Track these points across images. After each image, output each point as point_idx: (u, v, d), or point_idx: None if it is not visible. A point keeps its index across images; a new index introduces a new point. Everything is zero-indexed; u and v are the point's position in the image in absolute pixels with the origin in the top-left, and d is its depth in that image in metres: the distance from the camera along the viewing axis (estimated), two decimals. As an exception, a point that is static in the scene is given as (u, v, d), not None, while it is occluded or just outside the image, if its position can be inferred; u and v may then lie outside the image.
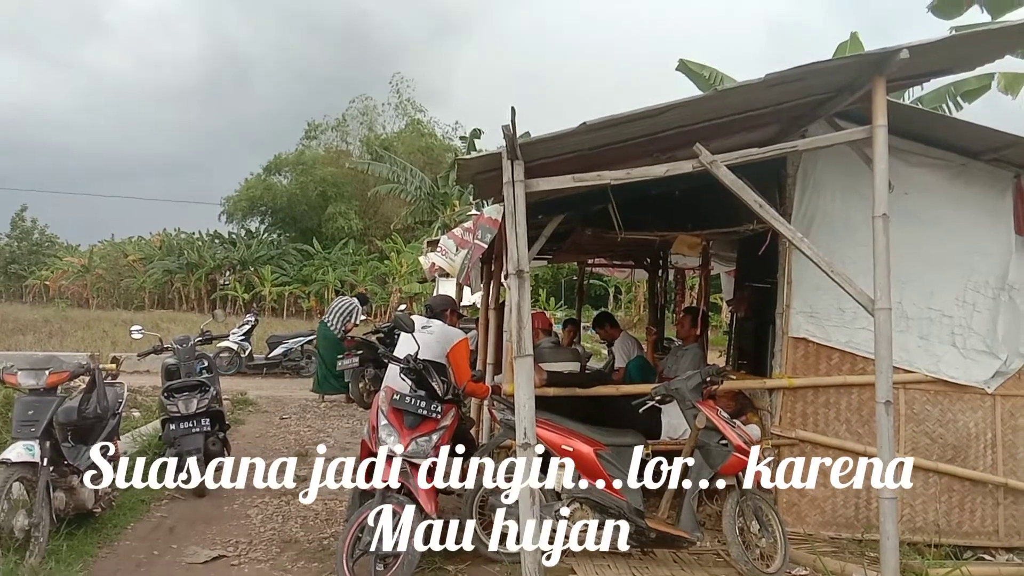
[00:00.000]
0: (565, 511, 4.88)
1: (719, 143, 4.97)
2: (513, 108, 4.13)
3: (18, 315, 28.55)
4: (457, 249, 7.74)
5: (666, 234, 7.05)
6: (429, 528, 4.69)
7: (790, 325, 5.81)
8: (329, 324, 12.40)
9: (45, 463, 4.84)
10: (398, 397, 5.01)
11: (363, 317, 13.20)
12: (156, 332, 8.80)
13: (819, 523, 5.78)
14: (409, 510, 4.56)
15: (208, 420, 6.69)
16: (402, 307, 18.42)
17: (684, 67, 13.39)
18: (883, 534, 4.38)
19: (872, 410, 5.18)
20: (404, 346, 5.50)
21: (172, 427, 6.62)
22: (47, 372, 5.13)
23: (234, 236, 43.67)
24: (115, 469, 5.99)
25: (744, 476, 4.95)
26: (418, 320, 5.82)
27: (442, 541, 4.85)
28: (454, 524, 4.98)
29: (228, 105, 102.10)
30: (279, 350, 15.26)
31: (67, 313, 31.61)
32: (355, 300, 13.00)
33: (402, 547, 4.43)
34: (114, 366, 6.23)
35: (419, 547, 4.49)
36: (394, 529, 4.51)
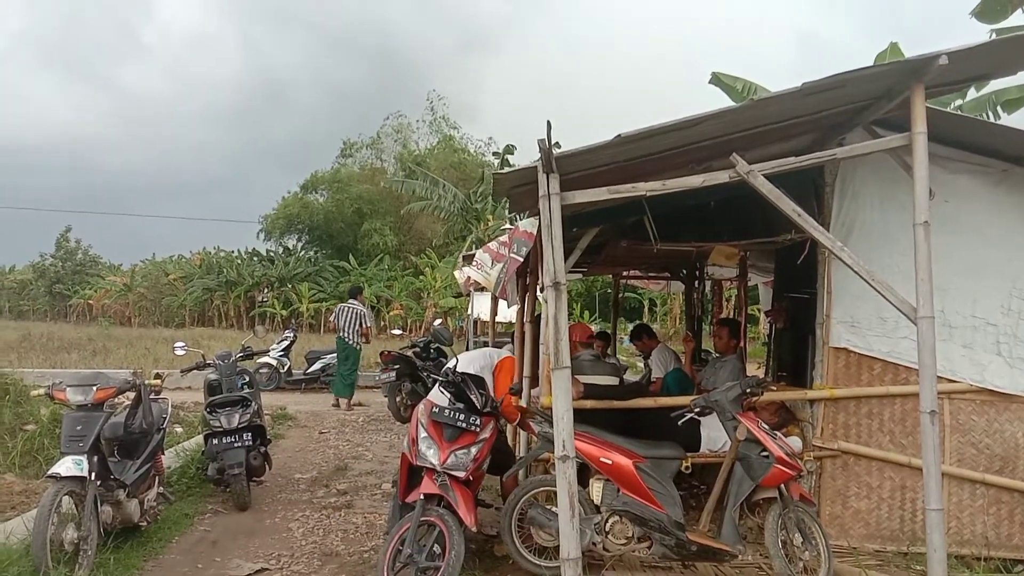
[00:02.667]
0: (605, 524, 4.86)
1: (755, 153, 4.96)
2: (549, 122, 4.16)
3: (63, 334, 29.28)
4: (493, 263, 7.77)
5: (703, 245, 7.02)
6: (469, 540, 4.70)
7: (830, 335, 5.75)
8: (348, 340, 12.87)
9: (93, 477, 4.94)
10: (437, 410, 5.04)
11: (362, 308, 13.39)
12: (198, 349, 8.95)
13: (863, 536, 5.69)
14: (449, 522, 4.58)
15: (250, 435, 6.78)
16: (438, 321, 18.50)
17: (717, 79, 13.37)
18: (930, 547, 4.29)
19: (916, 421, 5.10)
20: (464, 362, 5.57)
21: (215, 442, 6.72)
22: (94, 388, 5.25)
23: (272, 254, 44.34)
24: (160, 483, 6.12)
25: (787, 488, 4.88)
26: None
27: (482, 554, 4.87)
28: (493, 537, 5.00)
29: (265, 125, 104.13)
30: (317, 365, 15.45)
31: (110, 331, 32.32)
32: (352, 305, 13.17)
33: (442, 560, 4.45)
34: (159, 382, 6.36)
35: (459, 559, 4.50)
36: (434, 542, 4.54)
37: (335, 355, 15.50)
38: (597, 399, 5.74)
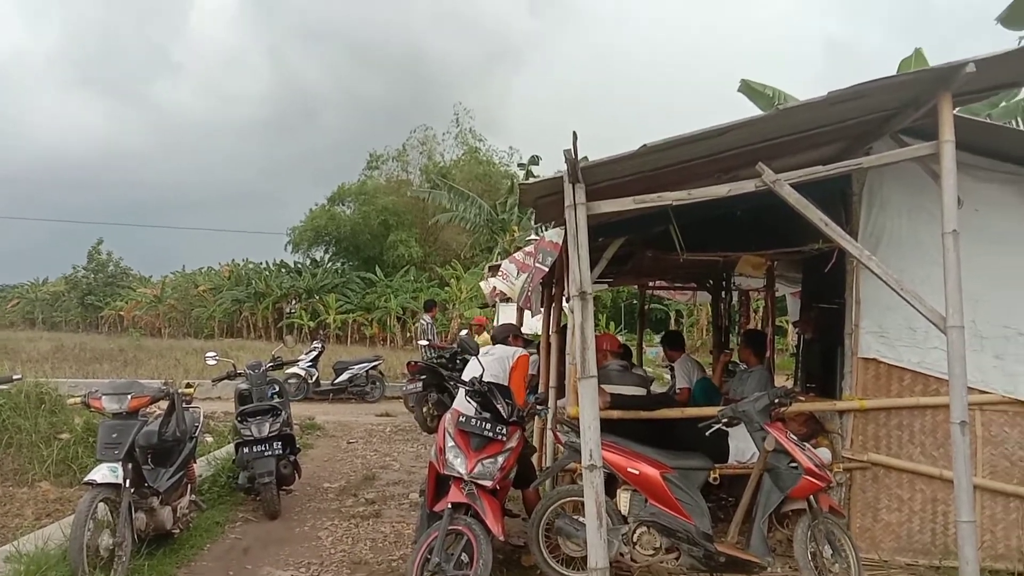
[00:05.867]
0: (633, 534, 4.86)
1: (782, 162, 4.95)
2: (575, 132, 4.19)
3: (95, 345, 29.75)
4: (518, 273, 7.81)
5: (730, 255, 7.00)
6: (496, 550, 4.72)
7: (859, 346, 5.71)
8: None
9: (127, 484, 5.03)
10: (464, 419, 5.08)
11: (428, 322, 14.30)
12: (229, 359, 9.07)
13: (894, 549, 5.62)
14: (477, 531, 4.60)
15: (280, 444, 6.86)
16: (464, 332, 18.54)
17: (746, 87, 13.31)
18: (962, 560, 4.23)
19: (947, 432, 5.01)
20: (471, 369, 5.59)
21: (245, 450, 6.81)
22: (129, 397, 5.36)
23: (300, 265, 44.71)
24: (192, 491, 6.21)
25: (816, 500, 4.85)
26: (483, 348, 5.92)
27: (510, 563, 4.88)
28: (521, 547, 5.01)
29: (293, 138, 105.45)
30: (345, 376, 15.56)
31: (141, 342, 32.78)
32: (423, 319, 14.17)
33: (470, 569, 4.47)
34: (191, 391, 6.46)
35: (487, 568, 4.51)
36: (462, 550, 4.56)
37: (363, 365, 15.66)
38: (624, 409, 5.74)
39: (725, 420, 5.09)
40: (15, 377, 5.28)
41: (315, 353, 15.68)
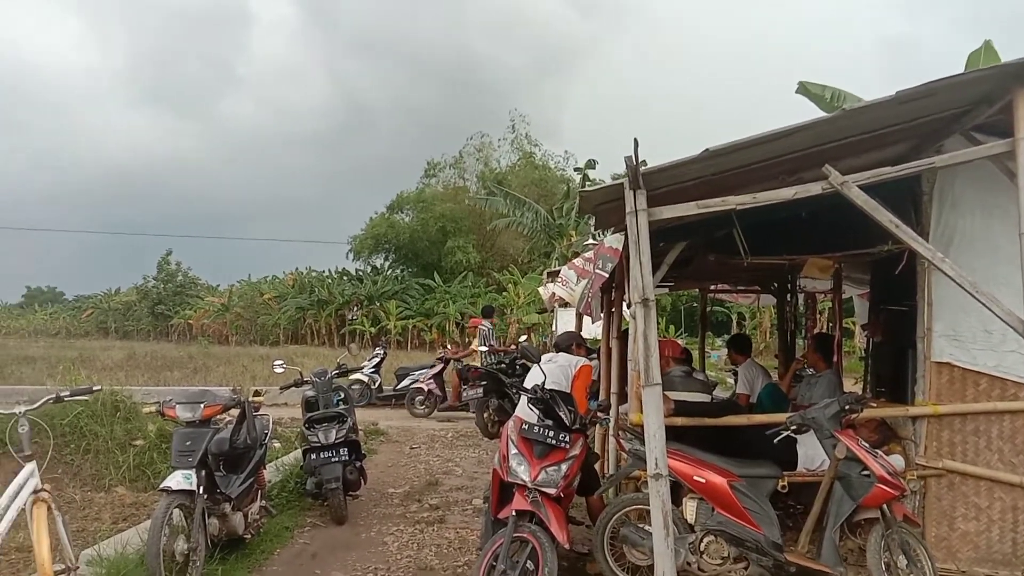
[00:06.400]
0: (700, 543, 4.80)
1: (848, 163, 4.84)
2: (636, 139, 4.18)
3: (165, 353, 30.76)
4: (578, 279, 7.80)
5: (795, 258, 6.86)
6: (561, 558, 4.71)
7: (932, 349, 5.53)
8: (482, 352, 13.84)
9: (201, 491, 5.17)
10: (527, 427, 5.09)
11: (488, 326, 14.47)
12: (295, 367, 9.28)
13: (972, 559, 5.42)
14: (542, 539, 4.60)
15: (346, 450, 6.98)
16: (523, 337, 18.62)
17: (804, 89, 13.06)
18: (1048, 572, 4.07)
19: (1028, 438, 4.85)
20: (532, 376, 5.60)
21: (313, 457, 6.95)
22: (202, 406, 5.52)
23: (361, 273, 45.45)
24: (262, 497, 6.36)
25: (889, 508, 4.72)
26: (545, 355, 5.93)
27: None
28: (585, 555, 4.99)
29: (352, 148, 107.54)
30: (406, 381, 15.71)
31: (209, 350, 33.75)
32: (484, 326, 14.22)
33: (535, 576, 4.48)
34: (260, 399, 6.62)
35: (553, 576, 4.51)
36: (527, 558, 4.57)
37: (424, 370, 15.83)
38: (689, 416, 5.68)
39: (794, 427, 4.99)
40: (94, 388, 5.49)
41: (377, 359, 15.91)
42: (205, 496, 5.26)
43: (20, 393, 14.13)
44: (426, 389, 14.47)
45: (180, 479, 5.08)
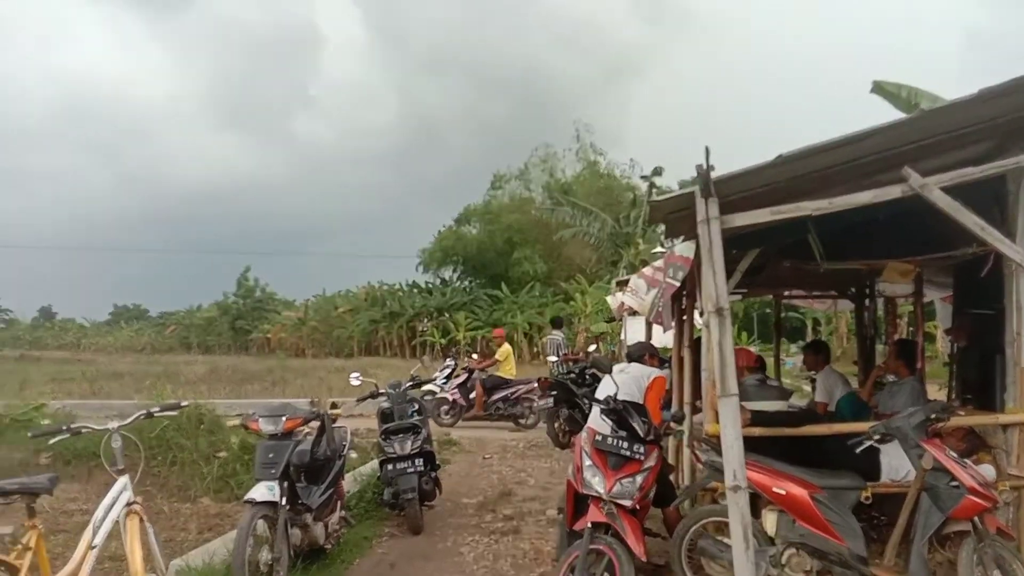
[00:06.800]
0: (781, 557, 4.70)
1: (927, 164, 4.68)
2: (707, 147, 4.14)
3: (245, 366, 31.73)
4: (648, 288, 7.73)
5: (874, 263, 6.66)
6: (637, 570, 4.67)
7: (1022, 355, 5.29)
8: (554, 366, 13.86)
9: (284, 502, 5.31)
10: (600, 438, 5.07)
11: (560, 336, 14.83)
12: (370, 379, 9.45)
13: (1074, 576, 5.14)
14: (618, 551, 4.58)
15: (421, 460, 7.06)
16: (592, 347, 18.52)
17: (879, 88, 12.67)
18: None
19: None
20: (604, 387, 5.58)
21: (389, 467, 7.06)
22: (284, 419, 5.67)
23: (430, 285, 46.18)
24: (341, 507, 6.49)
25: (981, 521, 4.52)
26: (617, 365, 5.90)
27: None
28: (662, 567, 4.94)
29: (420, 164, 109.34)
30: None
31: (286, 363, 34.61)
32: (555, 335, 14.59)
33: (612, 589, 4.45)
34: (338, 411, 6.77)
35: (630, 589, 4.48)
36: (604, 570, 4.55)
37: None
38: (767, 426, 5.57)
39: (877, 437, 4.84)
40: (182, 404, 5.72)
41: (448, 370, 16.02)
42: (288, 507, 5.38)
43: (110, 408, 14.78)
44: (451, 399, 14.50)
45: (264, 491, 5.22)
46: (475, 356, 17.69)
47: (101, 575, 5.49)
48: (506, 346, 15.33)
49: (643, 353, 6.19)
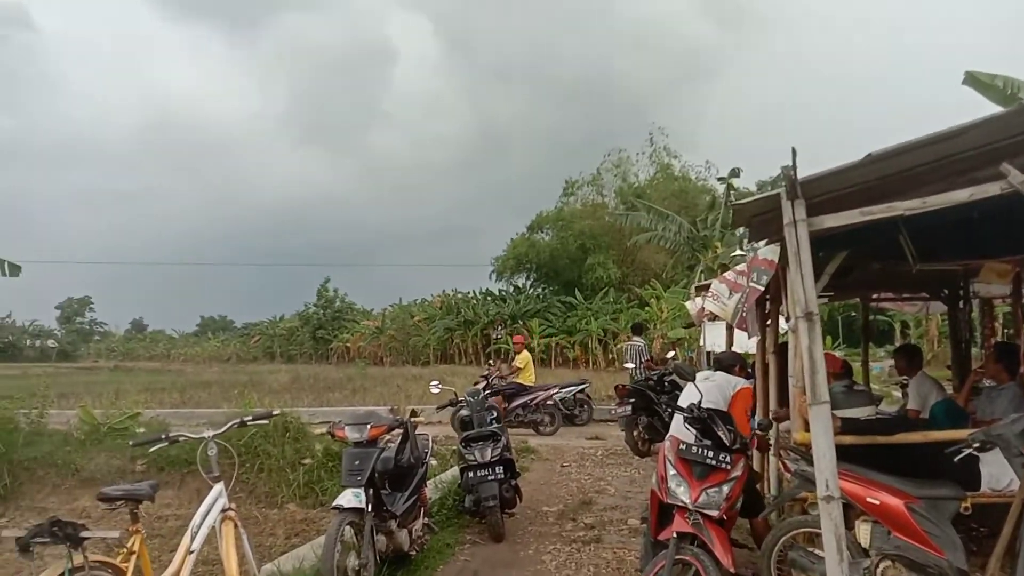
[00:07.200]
0: (875, 568, 4.53)
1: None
2: (794, 149, 4.05)
3: (326, 375, 32.53)
4: (730, 293, 7.59)
5: (969, 263, 6.39)
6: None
7: None
8: (635, 373, 13.94)
9: (370, 509, 5.40)
10: (684, 447, 4.98)
11: (641, 342, 14.97)
12: (449, 387, 9.55)
13: None
14: (705, 562, 4.49)
15: (501, 468, 7.09)
16: (671, 353, 18.28)
17: (971, 79, 12.09)
18: None
19: None
20: (688, 395, 5.49)
21: (470, 475, 7.11)
22: (368, 426, 5.77)
23: (504, 293, 46.41)
24: (425, 514, 6.57)
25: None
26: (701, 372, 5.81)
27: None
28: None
29: (493, 173, 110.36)
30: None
31: (366, 371, 35.33)
32: (635, 341, 14.62)
33: (700, 600, 4.37)
34: (419, 419, 6.86)
35: (718, 601, 4.38)
36: (690, 581, 4.47)
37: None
38: (858, 434, 5.38)
39: (977, 445, 4.62)
40: (274, 412, 5.89)
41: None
42: (373, 514, 5.47)
43: (199, 416, 15.41)
44: None
45: (351, 497, 5.32)
46: (491, 363, 17.86)
47: (197, 579, 5.71)
48: (525, 353, 15.33)
49: (735, 364, 6.05)
